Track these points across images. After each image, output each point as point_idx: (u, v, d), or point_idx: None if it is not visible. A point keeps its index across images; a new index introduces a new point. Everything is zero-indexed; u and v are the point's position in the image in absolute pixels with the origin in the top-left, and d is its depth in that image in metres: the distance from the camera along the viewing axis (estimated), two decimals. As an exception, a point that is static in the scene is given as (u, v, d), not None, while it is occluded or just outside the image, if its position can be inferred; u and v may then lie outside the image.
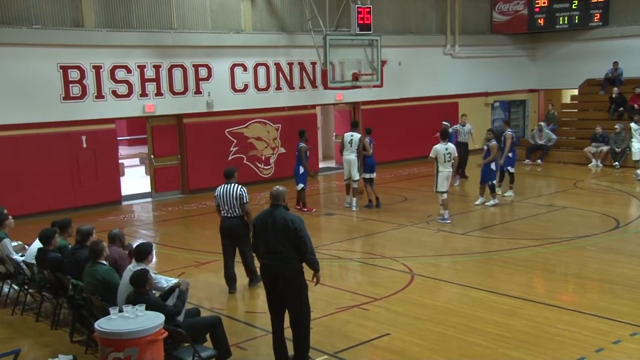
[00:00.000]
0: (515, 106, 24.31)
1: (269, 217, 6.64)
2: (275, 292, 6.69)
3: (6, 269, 9.13)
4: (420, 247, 11.66)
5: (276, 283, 6.65)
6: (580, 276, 9.70)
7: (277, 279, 6.62)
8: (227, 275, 9.40)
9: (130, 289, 6.30)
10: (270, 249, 6.60)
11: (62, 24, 15.14)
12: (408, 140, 20.98)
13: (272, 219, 6.61)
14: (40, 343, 7.76)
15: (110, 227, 11.00)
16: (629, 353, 6.83)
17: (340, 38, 16.83)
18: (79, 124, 15.46)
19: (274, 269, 6.61)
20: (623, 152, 19.20)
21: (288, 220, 6.55)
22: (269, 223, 6.60)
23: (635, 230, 12.04)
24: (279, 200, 6.73)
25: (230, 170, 9.55)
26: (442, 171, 12.74)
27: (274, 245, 6.56)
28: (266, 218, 6.67)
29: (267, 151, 18.74)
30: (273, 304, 6.77)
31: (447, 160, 12.69)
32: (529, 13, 23.12)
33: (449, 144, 12.91)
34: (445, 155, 12.68)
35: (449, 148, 12.75)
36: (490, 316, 7.94)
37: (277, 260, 6.56)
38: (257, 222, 6.80)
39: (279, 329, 6.75)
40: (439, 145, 12.77)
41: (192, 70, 17.13)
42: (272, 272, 6.66)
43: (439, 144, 12.85)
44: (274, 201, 6.73)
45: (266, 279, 6.77)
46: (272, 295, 6.74)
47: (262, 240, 6.67)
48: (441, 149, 12.72)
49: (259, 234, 6.72)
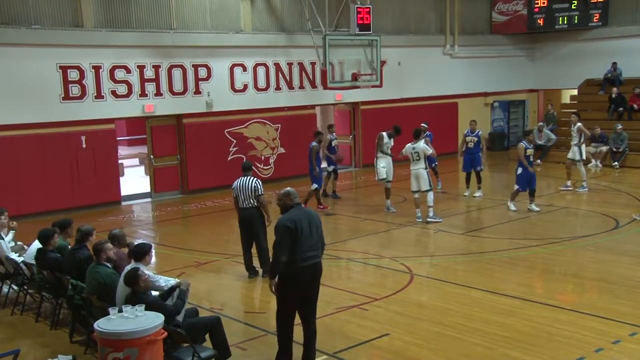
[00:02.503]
0: (515, 106, 24.34)
1: (303, 216, 6.49)
2: (306, 292, 6.57)
3: (5, 269, 9.13)
4: (419, 247, 11.67)
5: (314, 281, 6.59)
6: (580, 276, 9.71)
7: (317, 276, 6.61)
8: (246, 264, 9.90)
9: (127, 289, 6.31)
10: (313, 246, 6.49)
11: (61, 24, 15.15)
12: (408, 141, 20.83)
13: (306, 216, 6.52)
14: (39, 343, 7.76)
15: (110, 227, 11.03)
16: (628, 353, 6.84)
17: (339, 38, 16.84)
18: (78, 124, 15.46)
19: (318, 266, 6.59)
20: (622, 152, 19.22)
21: (316, 215, 6.72)
22: (306, 221, 6.46)
23: (635, 230, 12.04)
24: (297, 197, 6.68)
25: (248, 163, 10.19)
26: (411, 169, 13.04)
27: (316, 241, 6.54)
28: (301, 217, 6.46)
29: (267, 151, 18.74)
30: (297, 305, 6.60)
31: (415, 159, 12.92)
32: (528, 13, 23.12)
33: (419, 143, 12.96)
34: (412, 154, 12.94)
35: (417, 147, 12.92)
36: (490, 316, 7.94)
37: (318, 256, 6.57)
38: (295, 224, 6.36)
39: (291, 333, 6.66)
40: (408, 144, 13.08)
41: (191, 70, 17.14)
42: (315, 270, 6.57)
43: (409, 143, 13.11)
44: (297, 200, 6.65)
45: (306, 279, 6.49)
46: (299, 297, 6.57)
47: (304, 240, 6.40)
48: (408, 148, 13.02)
49: (300, 235, 6.35)
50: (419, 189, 13.01)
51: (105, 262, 7.18)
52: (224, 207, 15.41)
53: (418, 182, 12.98)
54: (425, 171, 12.98)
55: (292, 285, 6.44)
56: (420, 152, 12.90)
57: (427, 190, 12.95)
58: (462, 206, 14.81)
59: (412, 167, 13.05)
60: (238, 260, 10.34)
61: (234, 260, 10.68)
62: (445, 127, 21.84)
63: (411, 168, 13.05)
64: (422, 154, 12.91)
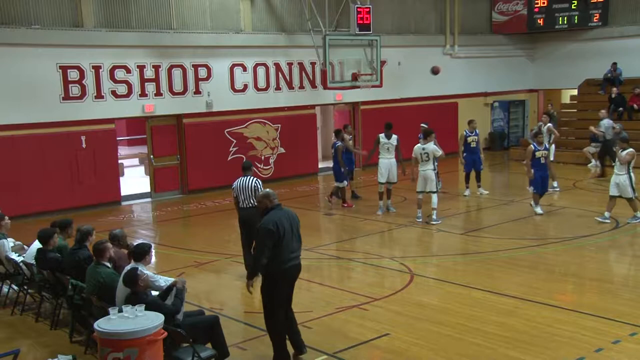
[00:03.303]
0: (515, 106, 24.35)
1: (284, 218, 6.58)
2: (290, 289, 6.82)
3: (5, 269, 9.13)
4: (419, 247, 11.67)
5: (296, 279, 6.84)
6: (580, 276, 9.71)
7: (298, 274, 6.84)
8: (246, 263, 9.80)
9: (127, 289, 6.31)
10: (295, 247, 6.67)
11: (61, 24, 15.15)
12: (407, 140, 20.79)
13: (287, 218, 6.63)
14: (39, 343, 7.76)
15: (110, 227, 11.04)
16: (628, 353, 6.83)
17: (339, 38, 16.83)
18: (78, 124, 15.46)
19: (299, 267, 6.81)
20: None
21: (296, 215, 6.78)
22: (287, 222, 6.58)
23: (635, 230, 12.04)
24: (277, 199, 6.80)
25: (247, 163, 10.12)
26: (420, 170, 12.90)
27: (297, 242, 6.70)
28: (283, 219, 6.54)
29: (267, 151, 18.74)
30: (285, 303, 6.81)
31: (424, 160, 12.80)
32: (528, 13, 23.11)
33: (429, 144, 12.86)
34: (422, 155, 12.81)
35: (426, 148, 12.81)
36: (490, 316, 7.94)
37: (299, 257, 6.76)
38: (277, 226, 6.43)
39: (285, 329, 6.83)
40: (418, 145, 12.98)
41: (191, 70, 17.14)
42: (298, 269, 6.81)
43: (417, 144, 13.03)
44: (276, 201, 6.74)
45: (291, 279, 6.76)
46: (286, 296, 6.81)
47: (287, 242, 6.52)
48: (418, 149, 12.89)
49: (282, 236, 6.45)
50: (424, 189, 12.92)
51: (106, 262, 7.18)
52: (224, 207, 15.41)
53: (425, 183, 12.87)
54: (433, 173, 12.84)
55: (281, 285, 6.65)
56: (430, 153, 12.78)
57: (432, 192, 12.88)
58: (462, 206, 14.82)
59: (420, 168, 12.90)
60: (238, 260, 10.34)
61: (233, 260, 10.68)
62: (445, 127, 21.80)
63: (420, 169, 12.92)
64: (431, 155, 12.78)
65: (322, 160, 21.40)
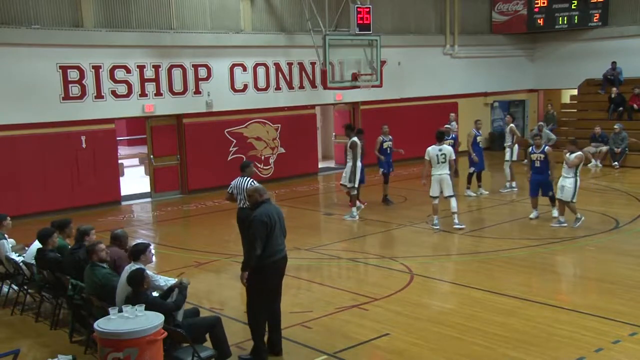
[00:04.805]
0: (515, 106, 24.31)
1: (274, 212, 6.81)
2: (278, 281, 6.93)
3: (5, 269, 9.13)
4: (419, 247, 11.66)
5: (283, 272, 6.97)
6: (580, 276, 9.71)
7: (285, 266, 6.97)
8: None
9: (128, 289, 6.31)
10: (282, 240, 6.87)
11: (61, 24, 15.15)
12: (407, 140, 20.86)
13: (276, 212, 6.85)
14: (39, 343, 7.76)
15: (110, 227, 11.05)
16: (628, 353, 6.84)
17: (339, 38, 16.84)
18: (78, 124, 15.46)
19: (286, 259, 6.96)
20: (622, 152, 19.22)
21: (282, 211, 7.01)
22: (276, 216, 6.79)
23: (635, 230, 12.04)
24: (267, 194, 6.99)
25: (245, 163, 10.07)
26: (433, 174, 12.37)
27: (283, 236, 6.91)
28: (273, 212, 6.78)
29: (267, 151, 18.73)
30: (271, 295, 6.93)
31: (441, 162, 12.24)
32: (528, 13, 23.12)
33: (444, 145, 12.49)
34: (439, 156, 12.26)
35: (444, 149, 12.30)
36: (490, 316, 7.94)
37: (285, 249, 6.93)
38: (269, 219, 6.67)
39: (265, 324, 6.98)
40: (433, 147, 12.37)
41: (191, 70, 17.13)
42: (285, 262, 6.96)
43: (432, 145, 12.42)
44: (266, 196, 6.95)
45: (279, 271, 6.91)
46: (275, 288, 6.96)
47: (276, 234, 6.75)
48: (434, 150, 12.31)
49: (273, 229, 6.69)
50: (439, 194, 12.36)
51: (99, 263, 7.16)
52: (224, 207, 15.37)
53: (441, 187, 12.27)
54: (449, 176, 12.28)
55: (269, 277, 6.79)
56: (448, 154, 12.23)
57: (450, 196, 12.37)
58: (462, 206, 14.77)
59: (435, 172, 12.24)
60: (238, 260, 10.26)
61: (233, 260, 10.67)
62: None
63: (434, 173, 12.26)
64: (448, 156, 12.22)
65: (322, 160, 21.43)
